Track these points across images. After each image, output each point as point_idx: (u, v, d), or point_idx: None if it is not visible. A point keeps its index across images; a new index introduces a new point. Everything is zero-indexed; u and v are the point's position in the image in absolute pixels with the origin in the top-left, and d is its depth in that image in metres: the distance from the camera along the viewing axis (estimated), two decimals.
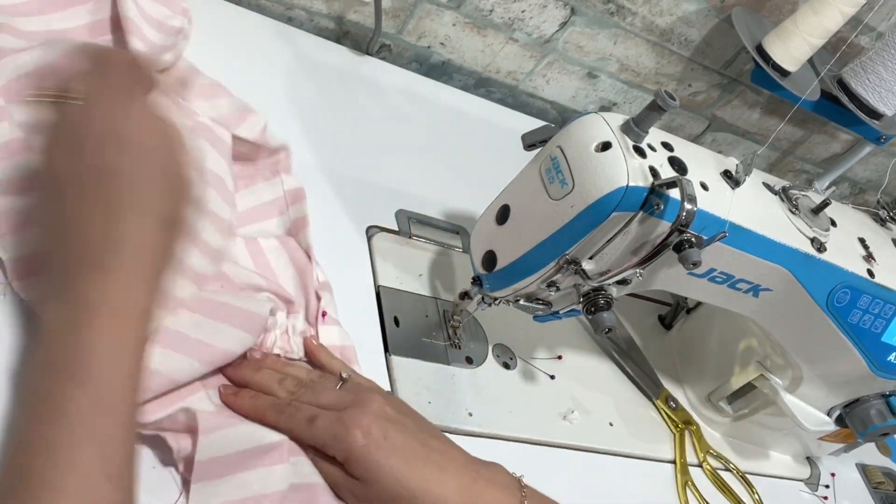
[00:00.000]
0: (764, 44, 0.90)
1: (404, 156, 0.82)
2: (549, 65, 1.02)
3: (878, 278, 0.66)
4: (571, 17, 0.96)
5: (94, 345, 0.36)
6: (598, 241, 0.55)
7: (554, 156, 0.56)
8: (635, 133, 0.54)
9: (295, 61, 0.82)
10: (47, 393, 0.36)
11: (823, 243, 0.63)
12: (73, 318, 0.37)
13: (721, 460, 0.78)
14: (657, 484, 0.72)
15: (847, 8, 0.85)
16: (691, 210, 0.51)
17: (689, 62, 1.05)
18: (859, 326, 0.66)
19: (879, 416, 0.72)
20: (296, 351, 0.56)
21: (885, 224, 0.76)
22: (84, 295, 0.37)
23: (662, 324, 0.89)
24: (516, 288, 0.60)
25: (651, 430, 0.76)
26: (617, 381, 0.78)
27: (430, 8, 0.91)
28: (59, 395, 0.35)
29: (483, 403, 0.65)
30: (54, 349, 0.37)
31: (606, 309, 0.58)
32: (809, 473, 0.85)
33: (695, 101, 1.12)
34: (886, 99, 0.94)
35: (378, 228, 0.72)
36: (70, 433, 0.35)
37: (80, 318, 0.37)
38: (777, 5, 0.98)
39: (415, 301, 0.69)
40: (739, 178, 0.59)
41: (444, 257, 0.75)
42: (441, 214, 0.79)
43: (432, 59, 0.98)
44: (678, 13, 0.97)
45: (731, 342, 0.79)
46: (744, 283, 0.63)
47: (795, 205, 0.64)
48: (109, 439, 0.36)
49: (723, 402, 0.79)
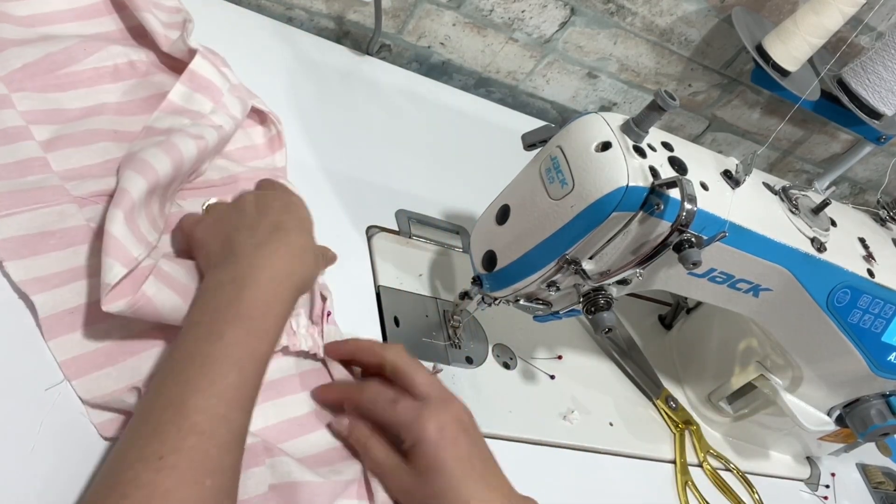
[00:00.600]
0: (764, 44, 0.90)
1: (404, 156, 0.82)
2: (549, 65, 1.02)
3: (878, 278, 0.66)
4: (571, 17, 0.96)
5: (257, 295, 0.47)
6: (598, 241, 0.55)
7: (554, 156, 0.56)
8: (635, 133, 0.54)
9: (295, 61, 0.82)
10: (212, 323, 0.45)
11: (823, 243, 0.63)
12: (242, 276, 0.48)
13: (721, 460, 0.78)
14: (657, 484, 0.72)
15: (847, 8, 0.85)
16: (691, 210, 0.51)
17: (689, 62, 1.05)
18: (859, 326, 0.66)
19: (879, 416, 0.72)
20: (303, 343, 0.55)
21: (885, 224, 0.76)
22: (252, 262, 0.49)
23: (662, 324, 0.89)
24: (516, 288, 0.60)
25: (651, 430, 0.76)
26: (617, 381, 0.78)
27: (430, 8, 0.91)
28: (224, 325, 0.45)
29: (483, 403, 0.65)
30: (221, 296, 0.47)
31: (606, 309, 0.58)
32: (809, 473, 0.85)
33: (695, 101, 1.12)
34: (886, 99, 0.94)
35: (378, 228, 0.72)
36: (224, 353, 0.44)
37: (247, 277, 0.48)
38: (777, 5, 0.98)
39: (415, 301, 0.69)
40: (739, 178, 0.59)
41: (444, 257, 0.75)
42: (441, 214, 0.79)
43: (432, 59, 0.98)
44: (678, 13, 0.97)
45: (731, 342, 0.79)
46: (744, 283, 0.63)
47: (795, 205, 0.64)
48: (250, 366, 0.45)
49: (723, 402, 0.79)
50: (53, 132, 0.56)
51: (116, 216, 0.49)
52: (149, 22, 0.63)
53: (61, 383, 0.47)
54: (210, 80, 0.62)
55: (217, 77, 0.62)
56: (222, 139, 0.60)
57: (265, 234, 0.50)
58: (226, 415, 0.42)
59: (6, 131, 0.53)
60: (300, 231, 0.53)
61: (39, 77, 0.57)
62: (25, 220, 0.50)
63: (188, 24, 0.64)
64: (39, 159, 0.53)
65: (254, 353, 0.45)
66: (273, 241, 0.50)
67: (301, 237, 0.52)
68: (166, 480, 0.39)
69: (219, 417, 0.42)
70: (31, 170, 0.52)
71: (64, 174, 0.54)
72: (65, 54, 0.59)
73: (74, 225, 0.52)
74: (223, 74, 0.63)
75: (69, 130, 0.57)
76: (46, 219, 0.51)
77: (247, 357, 0.45)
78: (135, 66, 0.63)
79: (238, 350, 0.45)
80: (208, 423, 0.41)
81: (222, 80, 0.62)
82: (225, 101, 0.62)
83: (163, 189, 0.53)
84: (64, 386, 0.47)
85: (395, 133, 0.84)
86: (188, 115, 0.60)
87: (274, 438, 0.52)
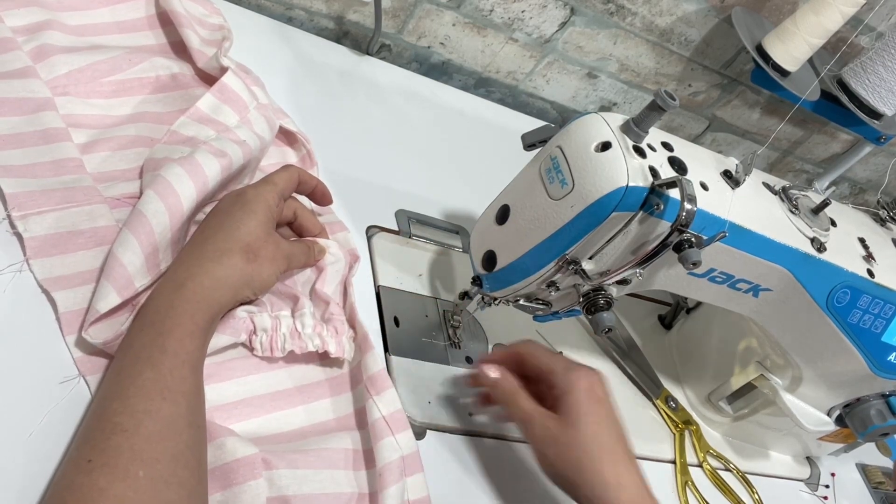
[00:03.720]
0: (764, 44, 0.90)
1: (404, 156, 0.82)
2: (549, 65, 1.02)
3: (878, 278, 0.66)
4: (571, 17, 0.96)
5: (158, 302, 0.49)
6: (597, 241, 0.55)
7: (554, 156, 0.56)
8: (635, 133, 0.54)
9: (295, 61, 0.82)
10: (126, 339, 0.48)
11: (823, 243, 0.63)
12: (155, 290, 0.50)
13: (721, 460, 0.78)
14: (657, 484, 0.72)
15: (847, 8, 0.85)
16: (691, 210, 0.51)
17: (689, 62, 1.05)
18: (859, 326, 0.66)
19: (879, 416, 0.72)
20: (310, 345, 0.56)
21: (885, 224, 0.76)
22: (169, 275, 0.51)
23: (662, 324, 0.89)
24: (516, 288, 0.60)
25: (651, 430, 0.76)
26: (617, 381, 0.78)
27: (430, 8, 0.91)
28: (132, 335, 0.48)
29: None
30: (142, 310, 0.49)
31: (606, 309, 0.58)
32: (809, 473, 0.85)
33: (695, 101, 1.12)
34: (886, 99, 0.94)
35: (378, 228, 0.72)
36: (135, 356, 0.46)
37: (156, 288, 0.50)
38: (777, 5, 0.98)
39: (415, 301, 0.69)
40: (739, 178, 0.59)
41: (444, 257, 0.75)
42: (441, 214, 0.79)
43: (432, 59, 0.98)
44: (678, 13, 0.97)
45: (731, 342, 0.79)
46: (744, 283, 0.63)
47: (795, 205, 0.64)
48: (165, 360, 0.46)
49: (723, 402, 0.79)
50: (91, 136, 0.58)
51: (129, 242, 0.50)
52: (189, 38, 0.66)
53: (76, 378, 0.48)
54: (238, 95, 0.63)
55: (245, 93, 0.64)
56: (247, 157, 0.60)
57: (184, 254, 0.53)
58: (146, 408, 0.44)
59: (46, 132, 0.54)
60: (224, 235, 0.53)
61: (84, 84, 0.60)
62: (56, 218, 0.51)
63: (226, 42, 0.67)
64: (75, 160, 0.55)
65: (163, 349, 0.46)
66: (184, 258, 0.52)
67: (221, 241, 0.52)
68: (99, 479, 0.40)
69: (140, 412, 0.43)
70: (66, 169, 0.54)
71: (97, 176, 0.56)
72: (109, 63, 0.61)
73: (104, 225, 0.53)
74: (252, 92, 0.65)
75: (107, 135, 0.59)
76: (76, 218, 0.52)
77: (157, 354, 0.46)
78: (176, 79, 0.65)
79: (146, 352, 0.46)
80: (130, 420, 0.43)
81: (250, 97, 0.64)
82: (250, 117, 0.64)
83: (186, 217, 0.54)
84: (78, 381, 0.48)
85: (394, 133, 0.84)
86: (213, 125, 0.61)
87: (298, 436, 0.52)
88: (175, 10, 0.67)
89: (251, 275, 0.53)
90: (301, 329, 0.56)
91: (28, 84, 0.56)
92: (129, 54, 0.63)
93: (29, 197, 0.51)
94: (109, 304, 0.48)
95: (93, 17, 0.65)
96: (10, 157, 0.53)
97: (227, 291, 0.51)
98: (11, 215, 0.50)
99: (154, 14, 0.68)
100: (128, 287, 0.49)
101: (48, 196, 0.52)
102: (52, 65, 0.59)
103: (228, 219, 0.54)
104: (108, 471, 0.41)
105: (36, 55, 0.58)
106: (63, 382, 0.47)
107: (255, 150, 0.61)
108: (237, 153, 0.58)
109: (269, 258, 0.54)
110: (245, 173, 0.62)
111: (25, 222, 0.50)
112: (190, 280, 0.50)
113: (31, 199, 0.51)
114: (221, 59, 0.64)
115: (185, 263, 0.51)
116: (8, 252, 0.50)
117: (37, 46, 0.59)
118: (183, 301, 0.48)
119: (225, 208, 0.55)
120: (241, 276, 0.52)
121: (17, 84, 0.56)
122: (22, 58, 0.57)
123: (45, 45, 0.59)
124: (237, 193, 0.56)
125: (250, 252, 0.53)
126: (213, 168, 0.55)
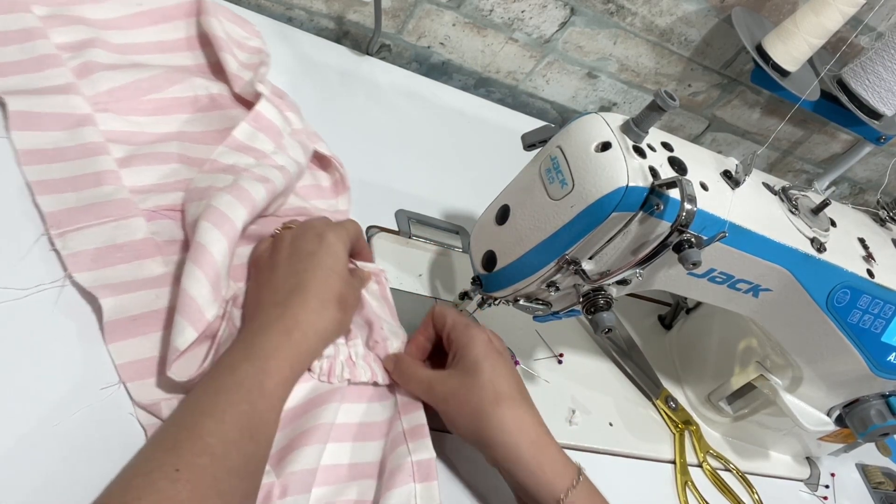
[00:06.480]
0: (764, 44, 0.90)
1: (404, 156, 0.82)
2: (549, 65, 1.02)
3: (878, 278, 0.66)
4: (571, 17, 0.96)
5: (265, 340, 0.50)
6: (597, 241, 0.55)
7: (554, 156, 0.56)
8: (635, 133, 0.54)
9: (295, 61, 0.82)
10: (228, 361, 0.49)
11: (823, 243, 0.63)
12: (254, 329, 0.51)
13: (721, 460, 0.78)
14: (657, 484, 0.72)
15: (847, 8, 0.85)
16: (691, 210, 0.51)
17: (689, 62, 1.05)
18: (859, 326, 0.66)
19: (879, 416, 0.72)
20: (362, 375, 0.57)
21: (884, 224, 0.76)
22: (267, 319, 0.52)
23: (662, 324, 0.89)
24: (516, 288, 0.60)
25: (651, 430, 0.76)
26: (617, 381, 0.78)
27: (430, 8, 0.91)
28: (236, 361, 0.49)
29: None
30: (237, 342, 0.51)
31: (606, 309, 0.58)
32: (809, 473, 0.85)
33: (695, 101, 1.12)
34: (886, 99, 0.94)
35: (378, 228, 0.72)
36: (236, 384, 0.47)
37: (258, 328, 0.51)
38: (777, 5, 0.98)
39: (415, 301, 0.69)
40: (739, 178, 0.59)
41: (444, 257, 0.75)
42: (441, 214, 0.79)
43: (432, 59, 0.98)
44: (678, 13, 0.97)
45: (731, 342, 0.79)
46: (744, 284, 0.63)
47: (795, 205, 0.64)
48: (261, 400, 0.48)
49: (723, 402, 0.79)
50: (129, 151, 0.59)
51: (196, 275, 0.51)
52: (227, 62, 0.67)
53: (116, 385, 0.49)
54: (272, 122, 0.65)
55: (279, 119, 0.65)
56: (287, 181, 0.62)
57: (284, 295, 0.53)
58: (237, 441, 0.45)
59: (86, 146, 0.56)
60: (321, 284, 0.54)
61: (124, 101, 0.61)
62: (95, 233, 0.53)
63: (262, 67, 0.68)
64: (113, 173, 0.56)
65: (263, 388, 0.48)
66: (290, 302, 0.53)
67: (322, 291, 0.54)
68: (181, 492, 0.41)
69: (230, 442, 0.45)
70: (104, 182, 0.55)
71: (133, 189, 0.57)
72: (150, 82, 0.63)
73: (141, 238, 0.54)
74: (285, 119, 0.66)
75: (144, 151, 0.60)
76: (115, 232, 0.53)
77: (256, 390, 0.48)
78: (214, 99, 0.67)
79: (248, 382, 0.48)
80: (220, 446, 0.44)
81: (284, 124, 0.66)
82: (285, 143, 0.65)
83: (240, 240, 0.55)
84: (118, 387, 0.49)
85: (394, 133, 0.84)
86: (251, 153, 0.62)
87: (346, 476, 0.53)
88: (215, 33, 0.68)
89: (343, 324, 0.56)
90: (356, 359, 0.57)
91: (69, 100, 0.58)
92: (169, 74, 0.65)
93: (67, 214, 0.53)
94: (187, 340, 0.50)
95: (135, 36, 0.67)
96: (50, 171, 0.54)
97: (323, 344, 0.55)
98: (50, 233, 0.51)
99: (194, 35, 0.70)
100: (200, 319, 0.51)
101: (85, 212, 0.53)
102: (94, 81, 0.60)
103: (318, 264, 0.55)
104: (191, 487, 0.41)
105: (80, 72, 0.60)
106: (104, 388, 0.49)
107: (293, 174, 0.63)
108: (278, 177, 0.60)
109: (353, 305, 0.58)
110: (281, 197, 0.63)
111: (64, 240, 0.52)
112: (297, 329, 0.52)
113: (68, 216, 0.53)
114: (257, 84, 0.66)
115: (291, 308, 0.52)
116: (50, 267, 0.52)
117: (81, 63, 0.61)
118: (288, 347, 0.51)
119: (308, 248, 0.56)
120: (336, 329, 0.55)
121: (60, 100, 0.57)
122: (65, 74, 0.59)
123: (90, 62, 0.61)
124: (317, 234, 0.57)
125: (342, 302, 0.55)
126: (260, 193, 0.57)
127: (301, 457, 0.50)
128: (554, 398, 0.71)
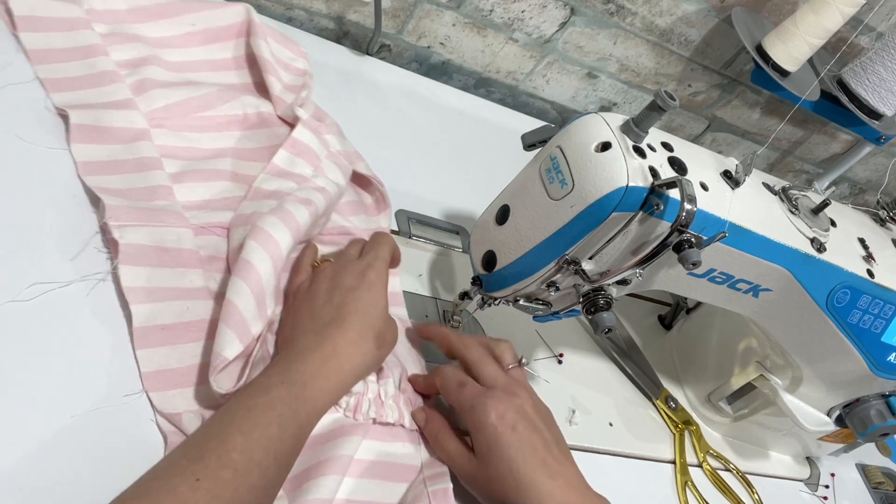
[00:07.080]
0: (764, 44, 0.90)
1: (404, 156, 0.82)
2: (549, 65, 1.02)
3: (878, 278, 0.66)
4: (571, 17, 0.96)
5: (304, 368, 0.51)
6: (597, 241, 0.55)
7: (554, 156, 0.56)
8: (635, 133, 0.54)
9: None
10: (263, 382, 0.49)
11: (823, 243, 0.63)
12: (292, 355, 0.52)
13: (721, 460, 0.78)
14: (657, 484, 0.72)
15: (847, 8, 0.85)
16: (691, 210, 0.51)
17: (689, 62, 1.05)
18: (859, 326, 0.66)
19: (879, 416, 0.72)
20: (389, 415, 0.56)
21: (884, 224, 0.76)
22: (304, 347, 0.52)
23: (662, 324, 0.89)
24: (516, 288, 0.60)
25: (651, 430, 0.76)
26: (617, 381, 0.78)
27: (430, 8, 0.91)
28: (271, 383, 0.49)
29: None
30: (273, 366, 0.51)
31: (606, 309, 0.58)
32: (809, 473, 0.85)
33: (695, 101, 1.12)
34: (886, 99, 0.94)
35: None
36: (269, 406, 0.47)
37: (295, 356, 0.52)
38: (777, 5, 0.98)
39: (415, 301, 0.69)
40: (739, 178, 0.59)
41: (444, 257, 0.75)
42: (441, 214, 0.79)
43: (432, 59, 0.98)
44: (678, 13, 0.97)
45: (731, 342, 0.79)
46: (744, 284, 0.63)
47: (795, 205, 0.64)
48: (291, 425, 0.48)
49: (723, 402, 0.79)
50: (182, 167, 0.61)
51: (243, 290, 0.52)
52: (271, 84, 0.69)
53: (140, 393, 0.49)
54: (308, 147, 0.66)
55: (315, 144, 0.66)
56: (328, 202, 0.63)
57: (324, 324, 0.54)
58: (261, 462, 0.45)
59: (142, 160, 0.58)
60: (362, 318, 0.55)
61: (178, 117, 0.63)
62: (147, 232, 0.54)
63: (304, 90, 0.70)
64: (166, 188, 0.58)
65: (296, 414, 0.48)
66: (329, 332, 0.53)
67: (359, 324, 0.54)
68: (199, 500, 0.41)
69: (254, 462, 0.45)
70: (157, 195, 0.57)
71: (185, 204, 0.58)
72: (202, 100, 0.65)
73: (188, 248, 0.55)
74: (323, 142, 0.67)
75: (196, 167, 0.62)
76: (165, 236, 0.55)
77: (289, 415, 0.48)
78: (262, 117, 0.69)
79: (281, 406, 0.48)
80: (244, 463, 0.44)
81: (320, 147, 0.67)
82: (323, 166, 0.66)
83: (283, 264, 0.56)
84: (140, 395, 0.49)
85: (394, 133, 0.84)
86: (292, 178, 0.64)
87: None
88: (262, 55, 0.70)
89: (378, 360, 0.56)
90: (384, 398, 0.57)
91: (128, 115, 0.59)
92: (220, 92, 0.67)
93: (126, 211, 0.54)
94: (235, 351, 0.50)
95: (189, 54, 0.69)
96: (108, 182, 0.56)
97: (357, 378, 0.54)
98: (109, 224, 0.52)
99: (243, 55, 0.72)
100: (246, 333, 0.51)
101: (141, 213, 0.54)
102: (151, 98, 0.62)
103: (358, 298, 0.55)
104: (210, 498, 0.42)
105: (137, 88, 0.62)
106: (127, 396, 0.49)
107: (333, 195, 0.64)
108: (320, 199, 0.61)
109: (390, 343, 0.57)
110: (322, 217, 0.64)
111: (122, 231, 0.53)
112: (334, 357, 0.52)
113: (127, 213, 0.54)
114: (296, 109, 0.67)
115: (330, 337, 0.53)
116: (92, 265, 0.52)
117: (138, 80, 0.62)
118: (325, 377, 0.51)
119: (349, 283, 0.56)
120: (371, 364, 0.55)
121: (119, 114, 0.59)
122: (124, 90, 0.61)
123: (147, 79, 0.63)
124: (358, 272, 0.57)
125: (380, 338, 0.55)
126: (304, 215, 0.58)
127: (318, 486, 0.50)
128: (554, 398, 0.71)
